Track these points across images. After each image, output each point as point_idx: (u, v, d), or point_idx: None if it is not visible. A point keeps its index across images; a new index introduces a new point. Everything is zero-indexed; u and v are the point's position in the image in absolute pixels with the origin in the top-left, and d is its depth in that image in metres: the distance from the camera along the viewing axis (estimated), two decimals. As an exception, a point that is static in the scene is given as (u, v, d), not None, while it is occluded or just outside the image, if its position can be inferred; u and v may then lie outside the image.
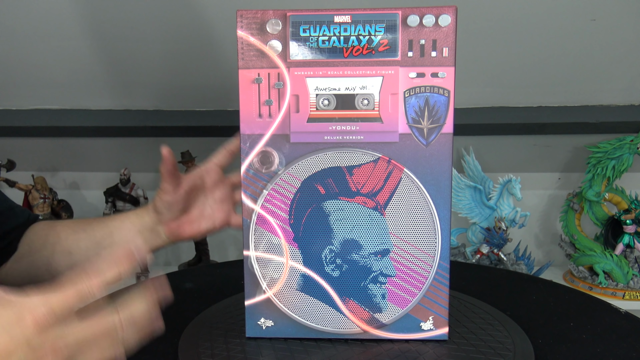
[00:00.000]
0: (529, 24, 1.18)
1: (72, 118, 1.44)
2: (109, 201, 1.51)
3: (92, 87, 1.38)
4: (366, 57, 0.61)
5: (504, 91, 1.35)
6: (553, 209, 1.59)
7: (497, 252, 1.44)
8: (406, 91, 0.61)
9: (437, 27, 0.60)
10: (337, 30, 0.60)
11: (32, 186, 1.45)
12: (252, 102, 0.62)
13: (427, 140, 0.61)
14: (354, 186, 0.62)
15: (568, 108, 1.38)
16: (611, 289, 1.36)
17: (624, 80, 1.31)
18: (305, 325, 0.64)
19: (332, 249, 0.63)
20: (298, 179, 0.62)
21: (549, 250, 1.62)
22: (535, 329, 0.67)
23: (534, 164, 1.54)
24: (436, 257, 0.63)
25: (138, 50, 1.28)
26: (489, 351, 0.61)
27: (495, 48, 1.24)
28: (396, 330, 0.64)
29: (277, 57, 0.61)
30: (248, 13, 0.61)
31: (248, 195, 0.63)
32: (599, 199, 1.42)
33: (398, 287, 0.63)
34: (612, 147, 1.38)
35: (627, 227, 1.41)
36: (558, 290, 0.84)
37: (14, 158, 1.42)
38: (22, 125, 1.44)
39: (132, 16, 1.19)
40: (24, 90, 1.40)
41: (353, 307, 0.64)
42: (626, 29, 1.18)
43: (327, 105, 0.61)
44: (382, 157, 0.62)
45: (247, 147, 0.62)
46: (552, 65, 1.27)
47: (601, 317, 0.73)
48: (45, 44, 1.26)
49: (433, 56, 0.60)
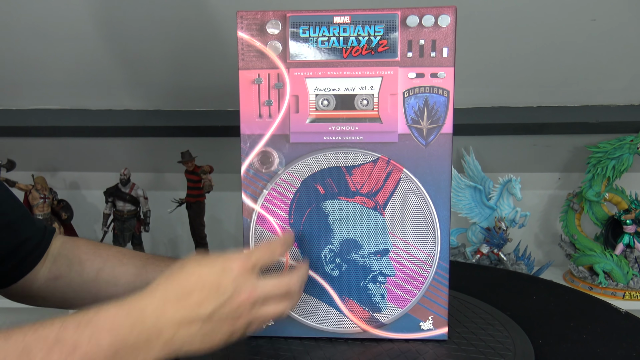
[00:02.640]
0: (528, 24, 1.18)
1: (72, 118, 1.44)
2: (109, 201, 1.51)
3: (92, 87, 1.38)
4: (365, 57, 0.61)
5: (504, 91, 1.35)
6: (553, 209, 1.59)
7: (497, 252, 1.44)
8: (405, 91, 0.61)
9: (437, 28, 0.60)
10: (336, 31, 0.61)
11: (32, 186, 1.45)
12: (252, 103, 0.62)
13: (427, 140, 0.61)
14: (354, 186, 0.62)
15: (568, 108, 1.38)
16: (611, 289, 1.36)
17: (624, 80, 1.31)
18: (305, 324, 0.64)
19: (331, 248, 0.63)
20: (298, 179, 0.63)
21: (549, 250, 1.61)
22: (535, 329, 0.67)
23: (534, 164, 1.54)
24: (435, 257, 0.63)
25: (138, 51, 1.28)
26: (489, 351, 0.61)
27: (495, 48, 1.24)
28: (396, 329, 0.64)
29: (277, 58, 0.61)
30: (248, 14, 0.61)
31: (248, 195, 0.63)
32: (599, 199, 1.42)
33: (397, 286, 0.63)
34: (612, 147, 1.37)
35: (627, 227, 1.41)
36: (558, 290, 0.84)
37: (14, 158, 1.42)
38: (22, 125, 1.44)
39: (132, 16, 1.19)
40: (24, 90, 1.40)
41: (353, 306, 0.64)
42: (626, 29, 1.18)
43: (327, 105, 0.62)
44: (382, 157, 0.62)
45: (247, 147, 0.63)
46: (552, 65, 1.27)
47: (601, 317, 0.73)
48: (45, 44, 1.26)
49: (432, 56, 0.60)
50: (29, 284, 0.69)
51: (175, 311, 0.49)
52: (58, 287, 0.69)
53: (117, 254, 0.72)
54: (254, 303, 0.53)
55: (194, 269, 0.52)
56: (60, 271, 0.70)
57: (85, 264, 0.70)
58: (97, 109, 1.44)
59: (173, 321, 0.49)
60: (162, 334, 0.48)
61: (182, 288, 0.50)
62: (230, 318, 0.51)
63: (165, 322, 0.48)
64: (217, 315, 0.50)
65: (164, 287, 0.51)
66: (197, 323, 0.50)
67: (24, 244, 0.67)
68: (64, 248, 0.71)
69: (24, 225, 0.68)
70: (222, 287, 0.51)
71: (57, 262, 0.70)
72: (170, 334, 0.49)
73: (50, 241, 0.70)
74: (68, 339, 0.44)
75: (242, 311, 0.52)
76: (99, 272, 0.69)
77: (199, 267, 0.52)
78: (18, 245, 0.66)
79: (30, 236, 0.68)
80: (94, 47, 1.26)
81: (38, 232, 0.69)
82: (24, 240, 0.67)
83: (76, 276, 0.70)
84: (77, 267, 0.70)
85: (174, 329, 0.49)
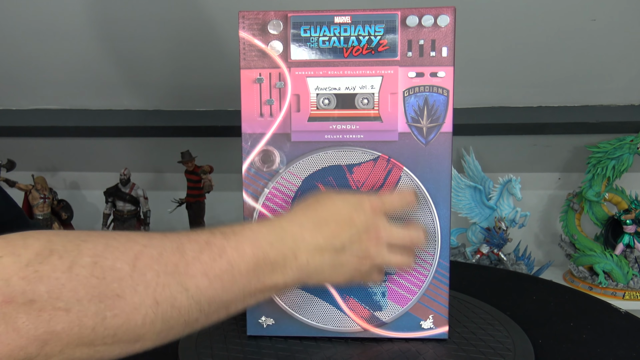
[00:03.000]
0: (529, 24, 1.18)
1: (72, 118, 1.44)
2: (109, 201, 1.51)
3: (92, 87, 1.38)
4: (366, 57, 0.61)
5: (504, 91, 1.35)
6: (553, 209, 1.59)
7: (497, 252, 1.44)
8: (405, 91, 0.61)
9: (436, 27, 0.60)
10: (337, 31, 0.61)
11: (32, 186, 1.45)
12: (254, 102, 0.62)
13: (427, 139, 0.61)
14: (354, 184, 0.62)
15: (568, 108, 1.38)
16: (611, 289, 1.36)
17: (624, 80, 1.31)
18: (306, 323, 0.64)
19: (332, 248, 0.63)
20: (299, 178, 0.63)
21: (549, 250, 1.61)
22: (535, 329, 0.67)
23: (534, 164, 1.54)
24: (436, 255, 0.63)
25: (138, 50, 1.28)
26: (489, 351, 0.61)
27: (495, 48, 1.24)
28: (396, 328, 0.64)
29: (278, 57, 0.61)
30: (250, 14, 0.61)
31: (249, 194, 0.63)
32: (599, 199, 1.42)
33: (398, 285, 0.63)
34: (612, 147, 1.37)
35: (627, 227, 1.41)
36: (558, 290, 0.84)
37: (14, 158, 1.42)
38: (22, 125, 1.44)
39: (132, 16, 1.19)
40: (24, 90, 1.40)
41: (353, 305, 0.64)
42: (626, 29, 1.18)
43: (328, 104, 0.62)
44: (382, 155, 0.62)
45: (248, 146, 0.63)
46: (552, 65, 1.27)
47: (601, 317, 0.73)
48: (45, 44, 1.26)
49: (432, 56, 0.61)
50: None
51: (312, 237, 0.51)
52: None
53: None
54: (382, 244, 0.54)
55: (330, 201, 0.54)
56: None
57: None
58: (97, 109, 1.44)
59: (308, 246, 0.51)
60: (297, 257, 0.50)
61: (319, 217, 0.53)
62: (358, 255, 0.53)
63: (301, 246, 0.51)
64: (348, 249, 0.52)
65: (303, 213, 0.53)
66: (329, 252, 0.52)
67: None
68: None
69: (18, 226, 0.68)
70: (355, 222, 0.53)
71: None
72: (304, 259, 0.51)
73: None
74: (217, 243, 0.46)
75: (370, 250, 0.53)
76: None
77: (335, 201, 0.54)
78: None
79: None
80: (94, 47, 1.27)
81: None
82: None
83: None
84: None
85: (309, 254, 0.51)
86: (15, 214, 0.69)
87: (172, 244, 0.44)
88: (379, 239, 0.54)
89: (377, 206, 0.55)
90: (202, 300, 0.44)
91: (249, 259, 0.47)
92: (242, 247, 0.47)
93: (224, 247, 0.46)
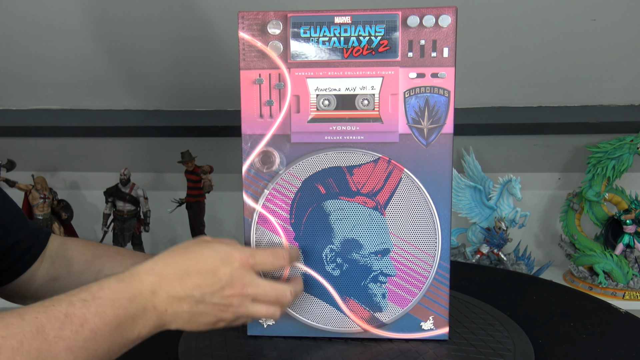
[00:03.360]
0: (529, 24, 1.18)
1: (72, 118, 1.44)
2: (109, 201, 1.51)
3: (92, 87, 1.37)
4: (366, 57, 0.61)
5: (504, 91, 1.35)
6: (553, 209, 1.59)
7: (497, 252, 1.44)
8: (406, 91, 0.61)
9: (437, 28, 0.60)
10: (337, 31, 0.61)
11: (32, 186, 1.45)
12: (253, 103, 0.62)
13: (427, 140, 0.61)
14: (355, 186, 0.62)
15: (568, 108, 1.38)
16: (611, 289, 1.36)
17: (624, 80, 1.31)
18: (306, 324, 0.64)
19: (332, 248, 0.63)
20: (299, 179, 0.63)
21: (549, 250, 1.61)
22: (535, 329, 0.67)
23: (534, 164, 1.54)
24: (436, 256, 0.63)
25: (138, 50, 1.28)
26: (489, 351, 0.61)
27: (495, 48, 1.24)
28: (396, 329, 0.64)
29: (278, 58, 0.61)
30: (249, 14, 0.61)
31: (249, 195, 0.63)
32: (599, 199, 1.42)
33: (398, 286, 0.63)
34: (612, 147, 1.37)
35: (627, 227, 1.41)
36: (558, 290, 0.84)
37: (14, 158, 1.42)
38: (22, 125, 1.44)
39: (132, 16, 1.19)
40: (24, 90, 1.39)
41: (353, 306, 0.64)
42: (626, 29, 1.18)
43: (328, 105, 0.62)
44: (382, 157, 0.62)
45: (248, 147, 0.63)
46: (552, 65, 1.27)
47: (601, 317, 0.73)
48: (45, 44, 1.26)
49: (433, 56, 0.60)
50: (27, 284, 0.69)
51: (171, 287, 0.52)
52: (57, 288, 0.69)
53: (116, 254, 0.72)
54: (245, 298, 0.55)
55: (198, 251, 0.55)
56: (59, 272, 0.70)
57: (84, 265, 0.70)
58: (97, 109, 1.44)
59: (167, 296, 0.52)
60: (156, 307, 0.51)
61: (182, 267, 0.53)
62: (220, 305, 0.54)
63: (160, 296, 0.51)
64: (209, 299, 0.53)
65: (165, 263, 0.54)
66: (187, 302, 0.52)
67: (17, 244, 0.67)
68: (62, 249, 0.71)
69: (17, 226, 0.68)
70: (218, 275, 0.53)
71: (55, 264, 0.70)
72: (163, 307, 0.51)
73: (45, 242, 0.70)
74: (77, 314, 0.46)
75: (232, 302, 0.54)
76: (98, 273, 0.69)
77: (202, 251, 0.55)
78: (10, 246, 0.66)
79: (23, 237, 0.68)
80: (93, 47, 1.26)
81: (32, 233, 0.69)
82: (17, 241, 0.67)
83: (75, 277, 0.70)
84: (75, 268, 0.70)
85: (167, 303, 0.52)
86: (15, 214, 0.69)
87: (31, 327, 0.44)
88: (244, 292, 0.55)
89: (247, 261, 0.55)
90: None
91: (111, 321, 0.48)
92: (103, 311, 0.48)
93: (85, 317, 0.47)
